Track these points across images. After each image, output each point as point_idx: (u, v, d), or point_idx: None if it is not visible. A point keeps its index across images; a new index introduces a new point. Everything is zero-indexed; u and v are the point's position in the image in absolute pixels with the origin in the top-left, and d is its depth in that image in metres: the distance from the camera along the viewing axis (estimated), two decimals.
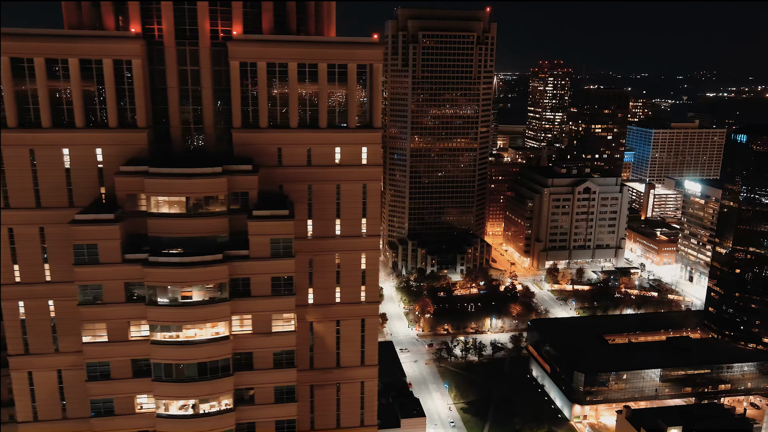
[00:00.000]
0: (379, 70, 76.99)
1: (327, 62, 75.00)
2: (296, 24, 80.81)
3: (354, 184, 78.64)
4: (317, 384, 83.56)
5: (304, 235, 78.73)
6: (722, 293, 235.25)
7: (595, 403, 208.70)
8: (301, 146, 76.45)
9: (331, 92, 76.46)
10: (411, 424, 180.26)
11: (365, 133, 77.83)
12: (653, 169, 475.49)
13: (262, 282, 72.05)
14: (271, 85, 74.73)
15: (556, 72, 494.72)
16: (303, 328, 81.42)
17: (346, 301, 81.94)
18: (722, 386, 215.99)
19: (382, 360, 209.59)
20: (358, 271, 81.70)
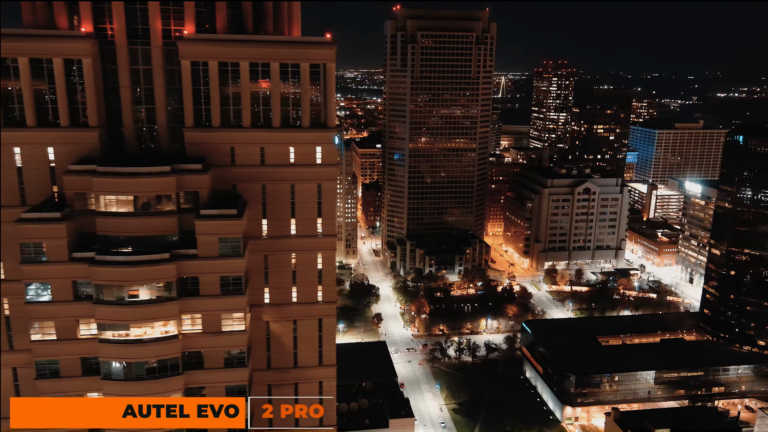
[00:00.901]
0: (332, 69, 76.88)
1: (279, 61, 75.03)
2: (253, 23, 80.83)
3: (308, 183, 78.65)
4: (275, 384, 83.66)
5: (259, 234, 78.81)
6: (717, 295, 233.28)
7: (587, 405, 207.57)
8: (254, 146, 76.55)
9: (284, 92, 76.40)
10: (400, 425, 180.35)
11: (319, 132, 77.78)
12: (657, 169, 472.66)
13: (210, 281, 72.22)
14: (223, 85, 74.83)
15: (560, 72, 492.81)
16: (259, 328, 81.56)
17: (302, 301, 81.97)
18: (716, 389, 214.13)
19: (375, 360, 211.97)
20: (315, 270, 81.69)
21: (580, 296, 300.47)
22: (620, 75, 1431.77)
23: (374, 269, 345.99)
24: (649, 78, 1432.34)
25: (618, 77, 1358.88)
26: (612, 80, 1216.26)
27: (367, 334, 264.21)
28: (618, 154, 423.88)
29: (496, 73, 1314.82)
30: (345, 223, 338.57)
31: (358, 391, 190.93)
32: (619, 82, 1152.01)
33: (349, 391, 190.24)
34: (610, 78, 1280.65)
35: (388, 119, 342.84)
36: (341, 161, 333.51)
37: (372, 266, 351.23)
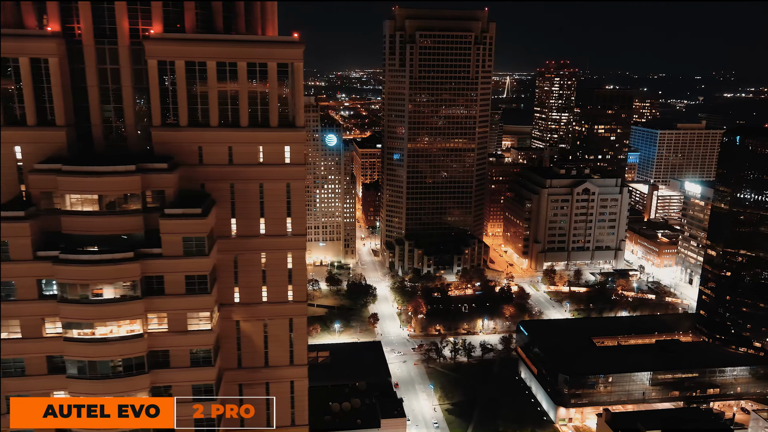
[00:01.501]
0: (300, 68, 76.87)
1: (247, 61, 75.05)
2: (225, 23, 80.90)
3: (277, 183, 78.64)
4: (246, 383, 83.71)
5: (228, 233, 78.87)
6: (713, 296, 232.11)
7: (580, 406, 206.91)
8: (221, 145, 76.59)
9: (252, 91, 76.45)
10: (391, 425, 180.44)
11: (287, 132, 77.74)
12: (659, 170, 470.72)
13: (175, 280, 72.28)
14: (190, 84, 74.89)
15: (562, 72, 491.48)
16: (230, 327, 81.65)
17: (272, 301, 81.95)
18: (711, 390, 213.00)
19: (369, 360, 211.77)
20: (285, 270, 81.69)
21: (578, 297, 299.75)
22: (626, 75, 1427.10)
23: (373, 269, 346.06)
24: (655, 78, 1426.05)
25: (624, 77, 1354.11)
26: (618, 80, 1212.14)
27: (364, 334, 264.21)
28: (619, 154, 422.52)
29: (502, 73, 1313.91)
30: (344, 223, 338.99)
31: (351, 391, 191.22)
32: (624, 82, 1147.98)
33: (343, 391, 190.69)
34: (616, 78, 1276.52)
35: (386, 119, 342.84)
36: (341, 161, 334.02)
37: (371, 266, 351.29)
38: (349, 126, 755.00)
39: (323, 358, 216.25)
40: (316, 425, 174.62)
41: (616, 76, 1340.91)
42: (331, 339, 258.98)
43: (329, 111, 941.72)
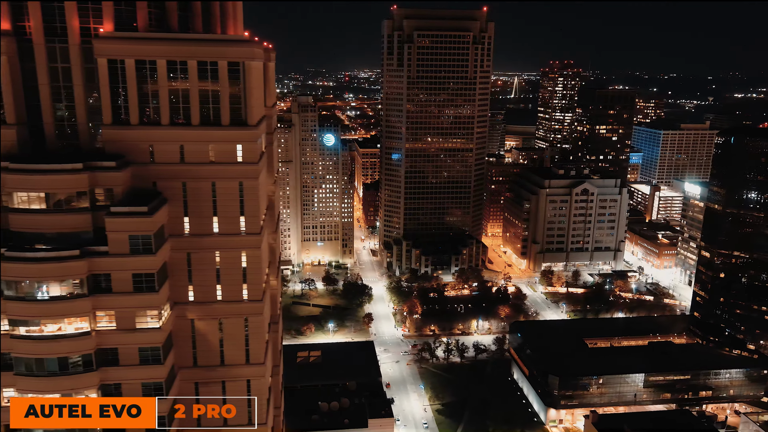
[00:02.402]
0: (252, 67, 76.65)
1: (197, 59, 74.95)
2: (182, 22, 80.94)
3: (230, 181, 78.48)
4: (202, 381, 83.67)
5: (181, 232, 78.82)
6: (707, 298, 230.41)
7: (571, 408, 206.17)
8: (173, 143, 76.49)
9: (204, 90, 76.42)
10: (379, 425, 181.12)
11: (239, 131, 77.52)
12: (662, 170, 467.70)
13: (122, 278, 72.30)
14: (141, 83, 74.91)
15: (565, 72, 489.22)
16: (184, 325, 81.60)
17: (227, 299, 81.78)
18: (703, 393, 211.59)
19: (361, 360, 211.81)
20: (239, 269, 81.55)
21: (575, 298, 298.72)
22: (636, 75, 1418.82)
23: (371, 269, 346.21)
24: (666, 78, 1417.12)
25: (634, 77, 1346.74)
26: (627, 80, 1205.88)
27: (358, 334, 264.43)
28: (621, 154, 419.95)
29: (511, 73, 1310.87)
30: (342, 222, 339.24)
31: (341, 391, 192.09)
32: (634, 82, 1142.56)
33: (333, 391, 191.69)
34: (626, 78, 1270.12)
35: (385, 119, 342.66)
36: (339, 161, 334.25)
37: (369, 266, 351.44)
38: (354, 126, 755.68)
39: (315, 357, 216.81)
40: (304, 425, 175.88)
41: (626, 76, 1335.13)
42: (325, 338, 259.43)
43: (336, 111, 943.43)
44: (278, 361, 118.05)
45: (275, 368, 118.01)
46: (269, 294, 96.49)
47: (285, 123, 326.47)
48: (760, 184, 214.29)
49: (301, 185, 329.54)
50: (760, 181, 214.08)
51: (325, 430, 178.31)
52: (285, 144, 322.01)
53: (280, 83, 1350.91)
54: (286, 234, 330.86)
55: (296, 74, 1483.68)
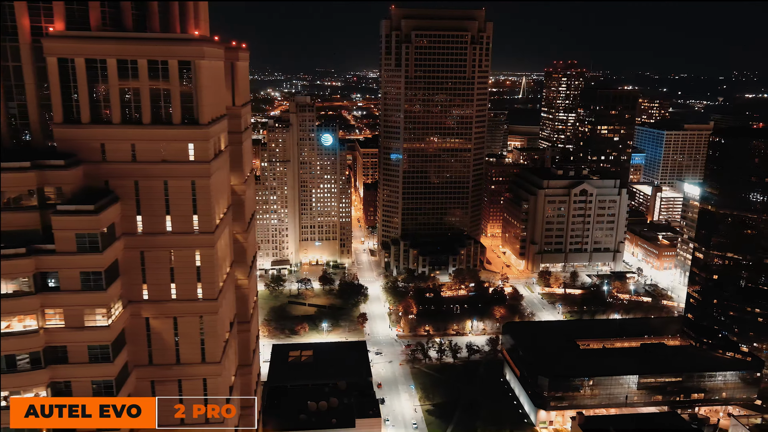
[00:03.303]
0: (202, 66, 76.90)
1: (147, 58, 75.32)
2: (138, 21, 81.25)
3: (181, 180, 78.79)
4: (158, 379, 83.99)
5: (134, 230, 79.20)
6: (701, 299, 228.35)
7: (561, 409, 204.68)
8: (124, 142, 76.94)
9: (154, 88, 76.69)
10: (366, 425, 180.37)
11: (190, 129, 77.82)
12: (665, 171, 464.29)
13: (70, 276, 72.80)
14: (92, 81, 75.33)
15: (569, 72, 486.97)
16: (139, 324, 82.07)
17: (181, 298, 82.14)
18: (695, 395, 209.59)
19: (352, 360, 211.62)
20: (193, 267, 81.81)
21: (572, 299, 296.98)
22: (646, 75, 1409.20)
23: (369, 269, 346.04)
24: (676, 78, 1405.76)
25: (644, 77, 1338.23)
26: (637, 80, 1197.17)
27: (352, 334, 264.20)
28: (622, 155, 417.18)
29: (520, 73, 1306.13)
30: (340, 222, 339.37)
31: (331, 390, 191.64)
32: (644, 83, 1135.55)
33: (323, 390, 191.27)
34: (636, 78, 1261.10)
35: (383, 119, 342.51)
36: (337, 161, 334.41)
37: (367, 266, 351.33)
38: (360, 126, 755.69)
39: (306, 357, 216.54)
40: (291, 424, 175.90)
41: (636, 76, 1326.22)
42: (319, 338, 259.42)
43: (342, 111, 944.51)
44: (250, 360, 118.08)
45: (246, 368, 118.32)
46: (232, 293, 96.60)
47: (283, 123, 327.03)
48: (753, 184, 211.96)
49: (299, 185, 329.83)
50: (754, 182, 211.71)
51: (312, 429, 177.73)
52: (283, 144, 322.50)
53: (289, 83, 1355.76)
54: (284, 234, 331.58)
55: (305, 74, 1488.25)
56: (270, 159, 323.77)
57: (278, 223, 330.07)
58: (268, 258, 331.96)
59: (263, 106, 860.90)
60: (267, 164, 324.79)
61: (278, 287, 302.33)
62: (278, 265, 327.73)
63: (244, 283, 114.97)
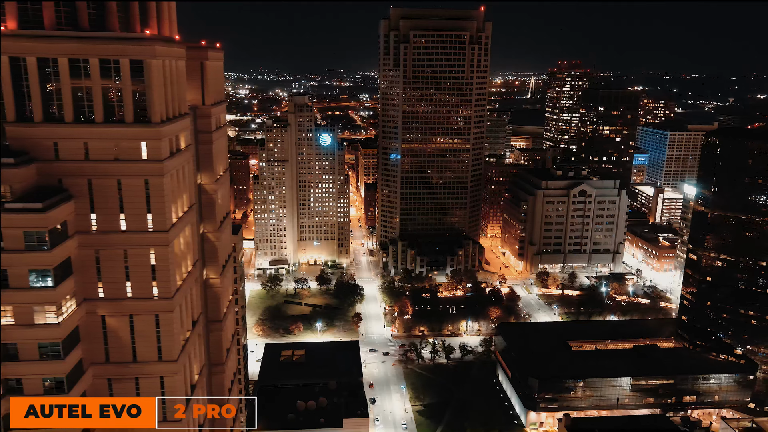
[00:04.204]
0: (152, 65, 77.02)
1: (99, 57, 75.60)
2: (94, 20, 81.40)
3: (135, 179, 78.96)
4: (115, 378, 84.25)
5: (88, 229, 79.52)
6: (694, 301, 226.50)
7: (551, 411, 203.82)
8: (77, 141, 77.19)
9: (107, 87, 76.98)
10: (354, 424, 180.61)
11: (142, 128, 78.01)
12: (668, 172, 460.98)
13: (19, 274, 73.04)
14: (44, 80, 75.71)
15: (573, 72, 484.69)
16: (95, 322, 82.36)
17: (137, 297, 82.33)
18: (687, 398, 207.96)
19: (344, 359, 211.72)
20: (148, 266, 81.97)
21: (569, 300, 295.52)
22: (657, 75, 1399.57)
23: (367, 269, 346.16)
24: (688, 79, 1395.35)
25: (655, 78, 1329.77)
26: (647, 81, 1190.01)
27: (347, 334, 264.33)
28: (624, 155, 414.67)
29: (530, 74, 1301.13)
30: (338, 222, 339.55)
31: (321, 390, 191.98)
32: (654, 83, 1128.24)
33: (313, 390, 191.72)
34: (646, 78, 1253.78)
35: (381, 119, 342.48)
36: (335, 161, 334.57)
37: (366, 266, 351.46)
38: (366, 126, 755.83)
39: (298, 356, 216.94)
40: (279, 424, 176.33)
41: (647, 76, 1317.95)
42: (313, 338, 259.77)
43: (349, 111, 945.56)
44: (223, 359, 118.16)
45: (218, 367, 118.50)
46: (196, 291, 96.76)
47: (281, 123, 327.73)
48: (747, 185, 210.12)
49: (298, 185, 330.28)
50: (748, 183, 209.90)
51: (300, 428, 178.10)
52: (281, 144, 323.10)
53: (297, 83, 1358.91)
54: (282, 233, 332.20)
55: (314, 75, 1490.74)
56: (268, 159, 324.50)
57: (276, 222, 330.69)
58: (267, 257, 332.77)
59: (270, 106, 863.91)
60: (265, 164, 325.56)
61: (275, 287, 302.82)
62: (276, 265, 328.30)
63: (216, 282, 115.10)
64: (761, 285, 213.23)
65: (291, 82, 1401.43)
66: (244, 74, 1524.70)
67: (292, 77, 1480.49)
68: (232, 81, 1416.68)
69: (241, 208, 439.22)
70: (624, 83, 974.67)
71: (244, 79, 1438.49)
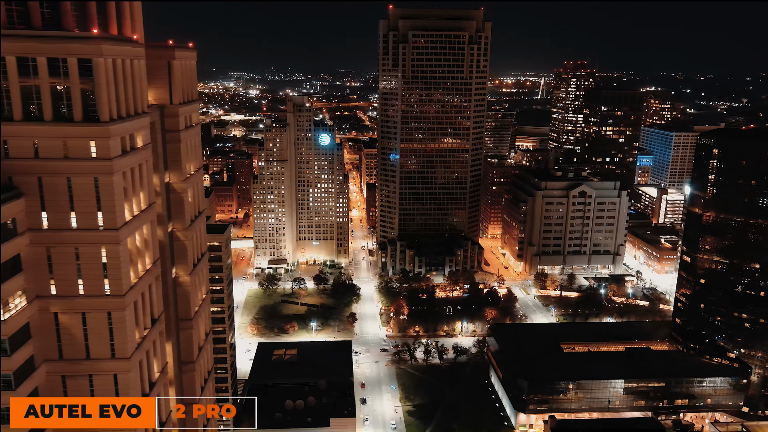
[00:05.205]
0: (100, 64, 77.41)
1: (46, 56, 76.16)
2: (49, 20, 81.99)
3: (84, 177, 79.37)
4: (69, 374, 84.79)
5: (39, 226, 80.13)
6: (688, 304, 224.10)
7: (541, 412, 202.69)
8: (26, 139, 77.80)
9: (55, 86, 77.50)
10: (341, 424, 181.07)
11: (91, 126, 78.44)
12: (673, 173, 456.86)
13: None
14: None
15: (578, 72, 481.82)
16: (48, 319, 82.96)
17: (89, 294, 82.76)
18: (679, 401, 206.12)
19: (336, 359, 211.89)
20: (99, 264, 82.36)
21: (567, 302, 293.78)
22: (671, 76, 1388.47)
23: (366, 269, 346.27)
24: (702, 79, 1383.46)
25: (668, 78, 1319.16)
26: (660, 81, 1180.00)
27: (342, 334, 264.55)
28: (628, 156, 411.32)
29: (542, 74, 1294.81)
30: (337, 222, 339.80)
31: (311, 390, 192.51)
32: (667, 83, 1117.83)
33: (303, 389, 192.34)
34: (660, 79, 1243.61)
35: (380, 119, 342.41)
36: (334, 161, 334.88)
37: (364, 266, 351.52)
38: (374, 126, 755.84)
39: (290, 356, 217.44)
40: (266, 422, 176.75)
41: (660, 77, 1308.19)
42: (308, 337, 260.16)
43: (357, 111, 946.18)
44: (193, 357, 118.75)
45: (188, 365, 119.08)
46: (155, 289, 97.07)
47: (280, 123, 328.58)
48: (740, 187, 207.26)
49: (297, 184, 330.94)
50: (740, 185, 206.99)
51: (287, 427, 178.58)
52: (280, 143, 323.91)
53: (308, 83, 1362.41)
54: (282, 233, 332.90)
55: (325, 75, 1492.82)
56: (267, 159, 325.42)
57: (275, 222, 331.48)
58: (266, 257, 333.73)
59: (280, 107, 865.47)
60: (264, 164, 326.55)
61: (272, 286, 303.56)
62: (275, 264, 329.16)
63: (186, 280, 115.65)
64: (756, 287, 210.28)
65: (302, 82, 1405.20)
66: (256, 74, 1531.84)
67: (303, 78, 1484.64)
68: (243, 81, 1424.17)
69: (244, 207, 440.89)
70: (637, 83, 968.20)
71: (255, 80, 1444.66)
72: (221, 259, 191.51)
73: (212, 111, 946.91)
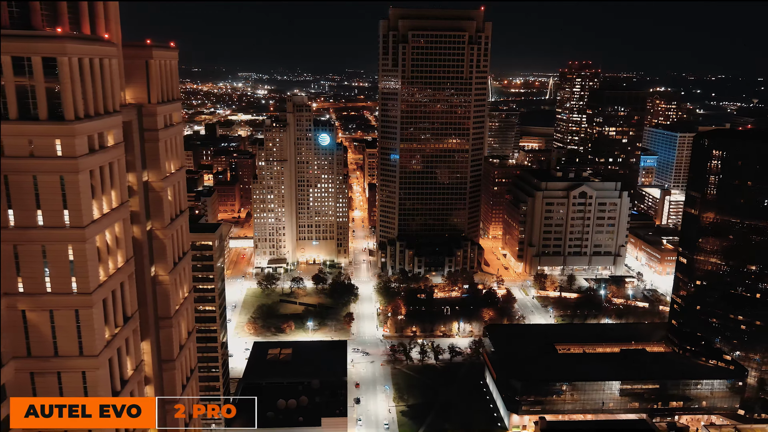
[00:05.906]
0: (64, 62, 77.58)
1: (11, 55, 76.49)
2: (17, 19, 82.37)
3: (50, 176, 79.51)
4: (37, 372, 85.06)
5: (6, 224, 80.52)
6: (684, 305, 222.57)
7: (534, 413, 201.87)
8: None
9: (21, 84, 77.85)
10: (332, 424, 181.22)
11: (56, 125, 78.66)
12: (678, 174, 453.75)
13: None
14: None
15: (583, 73, 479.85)
16: (16, 316, 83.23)
17: (56, 292, 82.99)
18: (674, 403, 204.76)
19: (330, 359, 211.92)
20: (66, 261, 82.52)
21: (565, 303, 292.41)
22: (682, 77, 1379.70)
23: (365, 269, 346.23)
24: (713, 80, 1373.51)
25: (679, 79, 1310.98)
26: (670, 81, 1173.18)
27: (339, 333, 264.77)
28: (631, 157, 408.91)
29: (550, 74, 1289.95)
30: (336, 222, 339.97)
31: (304, 389, 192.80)
32: (677, 84, 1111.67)
33: (296, 389, 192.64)
34: (670, 79, 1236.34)
35: (380, 119, 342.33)
36: (334, 160, 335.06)
37: (364, 266, 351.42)
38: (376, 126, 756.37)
39: (285, 355, 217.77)
40: (258, 422, 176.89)
41: (671, 77, 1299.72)
42: (304, 337, 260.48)
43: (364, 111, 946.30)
44: (174, 356, 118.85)
45: (168, 363, 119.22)
46: (128, 287, 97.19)
47: (280, 122, 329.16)
48: (735, 188, 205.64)
49: (297, 184, 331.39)
50: (736, 185, 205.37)
51: (279, 427, 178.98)
52: (280, 143, 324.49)
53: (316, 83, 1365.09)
54: (281, 232, 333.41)
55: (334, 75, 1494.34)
56: (267, 158, 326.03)
57: (275, 221, 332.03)
58: (266, 256, 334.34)
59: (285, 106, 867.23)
60: (264, 163, 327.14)
61: (271, 285, 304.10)
62: (275, 264, 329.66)
63: (165, 279, 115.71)
64: (752, 289, 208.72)
65: (310, 82, 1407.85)
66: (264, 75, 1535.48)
67: (312, 78, 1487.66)
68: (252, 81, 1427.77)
69: (246, 207, 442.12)
70: (647, 84, 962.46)
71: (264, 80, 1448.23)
72: (213, 258, 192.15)
73: (219, 111, 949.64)
